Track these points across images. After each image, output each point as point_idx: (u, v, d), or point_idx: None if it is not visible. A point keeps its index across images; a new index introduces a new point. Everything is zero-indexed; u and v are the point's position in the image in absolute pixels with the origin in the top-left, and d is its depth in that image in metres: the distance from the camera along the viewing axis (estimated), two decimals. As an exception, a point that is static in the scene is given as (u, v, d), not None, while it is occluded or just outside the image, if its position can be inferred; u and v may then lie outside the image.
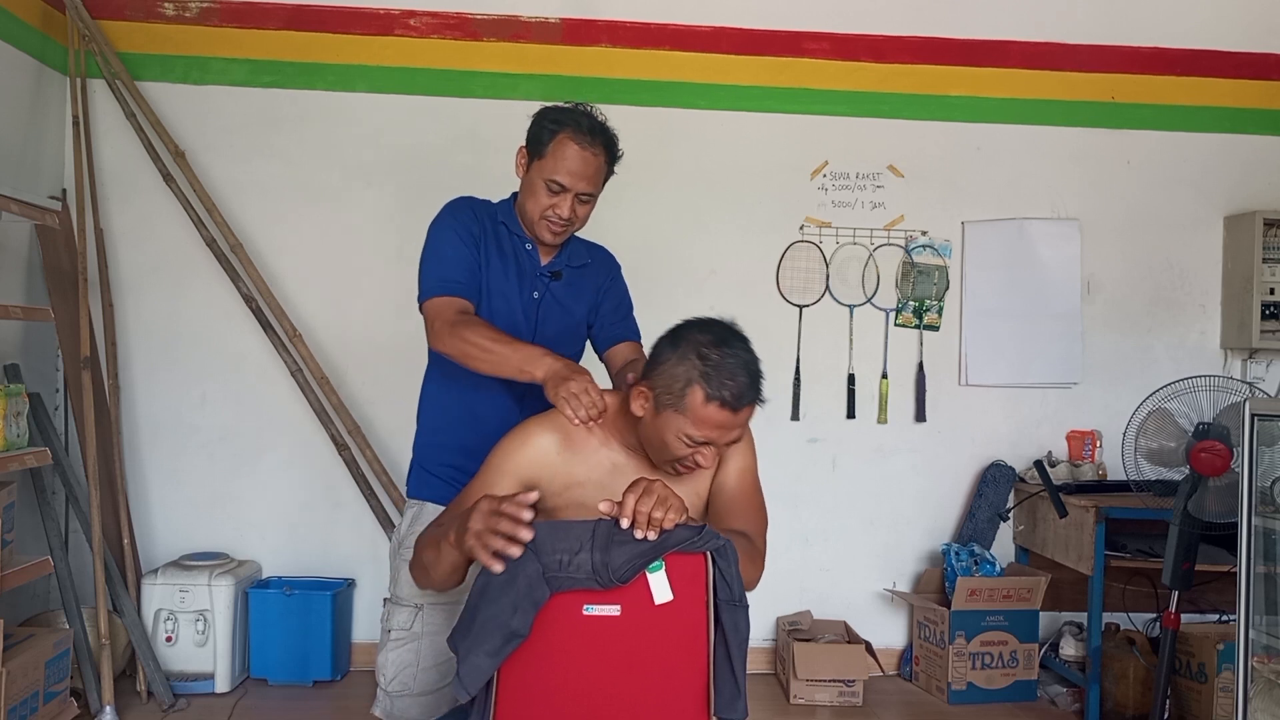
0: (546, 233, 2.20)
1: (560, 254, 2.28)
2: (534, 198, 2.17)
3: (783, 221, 4.10)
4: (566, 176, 2.13)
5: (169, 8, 3.88)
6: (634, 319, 2.39)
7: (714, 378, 1.71)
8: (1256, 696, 2.68)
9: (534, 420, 1.89)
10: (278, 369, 3.84)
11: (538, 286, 2.25)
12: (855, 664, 3.71)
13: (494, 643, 1.56)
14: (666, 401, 1.75)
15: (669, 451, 1.78)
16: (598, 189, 2.20)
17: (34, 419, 3.24)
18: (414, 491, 2.26)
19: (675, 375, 1.74)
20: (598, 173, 2.17)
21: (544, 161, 2.15)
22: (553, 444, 1.85)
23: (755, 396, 1.76)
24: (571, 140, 2.13)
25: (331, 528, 3.95)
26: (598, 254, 2.38)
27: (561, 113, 2.18)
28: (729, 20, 4.02)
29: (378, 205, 3.96)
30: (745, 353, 1.77)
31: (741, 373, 1.73)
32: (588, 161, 2.14)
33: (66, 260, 3.65)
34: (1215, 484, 2.99)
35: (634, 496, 1.60)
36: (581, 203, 2.18)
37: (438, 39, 3.96)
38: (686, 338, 1.77)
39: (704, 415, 1.72)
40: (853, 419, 4.12)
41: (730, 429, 1.76)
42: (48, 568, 3.02)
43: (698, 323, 1.82)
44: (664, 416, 1.76)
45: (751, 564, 1.77)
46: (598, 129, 2.16)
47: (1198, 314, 4.25)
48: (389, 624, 2.16)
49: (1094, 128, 4.18)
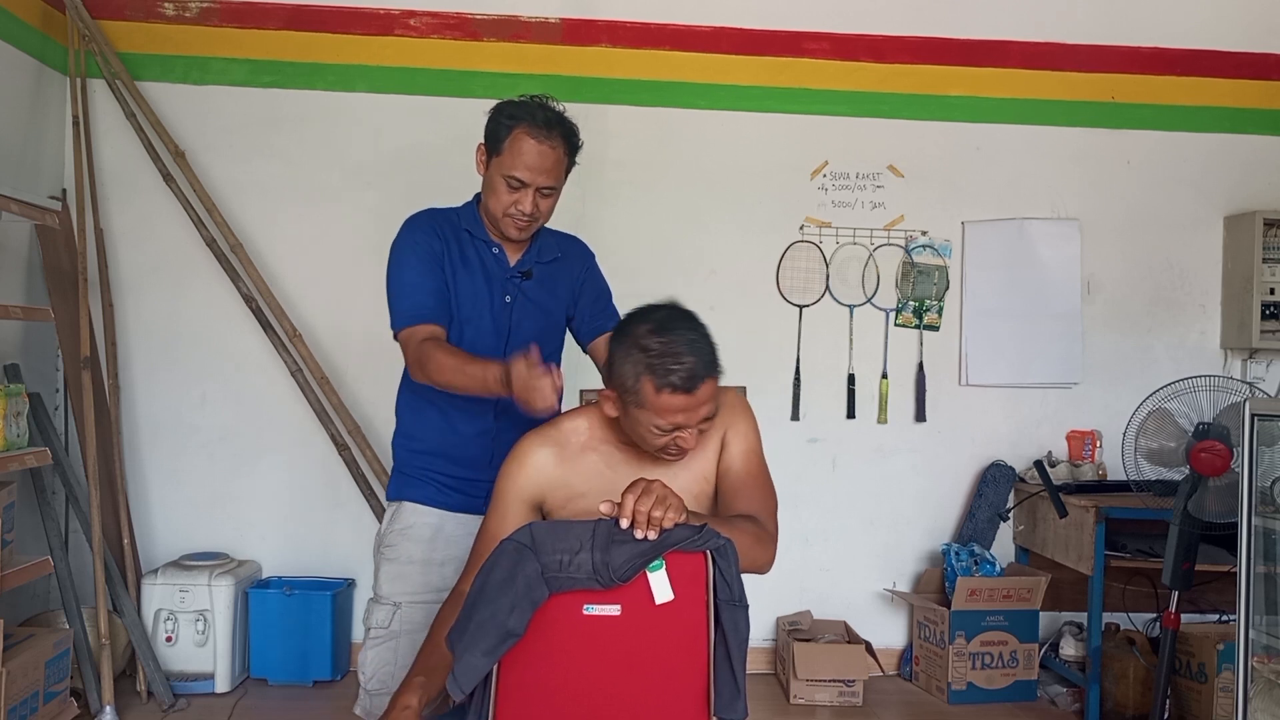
0: (512, 229, 2.17)
1: (529, 251, 2.25)
2: (495, 195, 2.14)
3: (783, 221, 4.10)
4: (525, 172, 2.10)
5: (169, 8, 3.88)
6: (614, 307, 2.35)
7: (658, 366, 1.70)
8: (1256, 696, 2.68)
9: (525, 437, 1.89)
10: (278, 369, 3.84)
11: (509, 289, 2.22)
12: (855, 664, 3.71)
13: (489, 642, 1.56)
14: (628, 399, 1.75)
15: (649, 443, 1.79)
16: (559, 181, 2.17)
17: (34, 419, 3.24)
18: (393, 494, 2.27)
19: (626, 372, 1.73)
20: (557, 165, 2.14)
21: (502, 158, 2.12)
22: (549, 458, 1.85)
23: (707, 372, 1.73)
24: (528, 134, 2.10)
25: (331, 528, 3.95)
26: (569, 245, 2.34)
27: (516, 107, 2.15)
28: (729, 20, 4.02)
29: (378, 205, 3.96)
30: (689, 331, 1.74)
31: (686, 354, 1.70)
32: (545, 155, 2.11)
33: (66, 260, 3.65)
34: (1215, 484, 2.99)
35: (633, 496, 1.60)
36: (544, 196, 2.15)
37: (438, 39, 3.96)
38: (629, 332, 1.76)
39: (662, 404, 1.71)
40: (853, 419, 4.12)
41: (695, 409, 1.74)
42: (48, 568, 3.02)
43: (638, 313, 1.80)
44: (631, 413, 1.76)
45: (760, 546, 1.76)
46: (554, 120, 2.13)
47: (1198, 314, 4.25)
48: (369, 622, 2.18)
49: (1094, 128, 4.18)
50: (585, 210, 3.67)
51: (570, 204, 2.31)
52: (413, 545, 2.18)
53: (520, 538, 1.62)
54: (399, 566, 2.17)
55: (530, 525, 1.64)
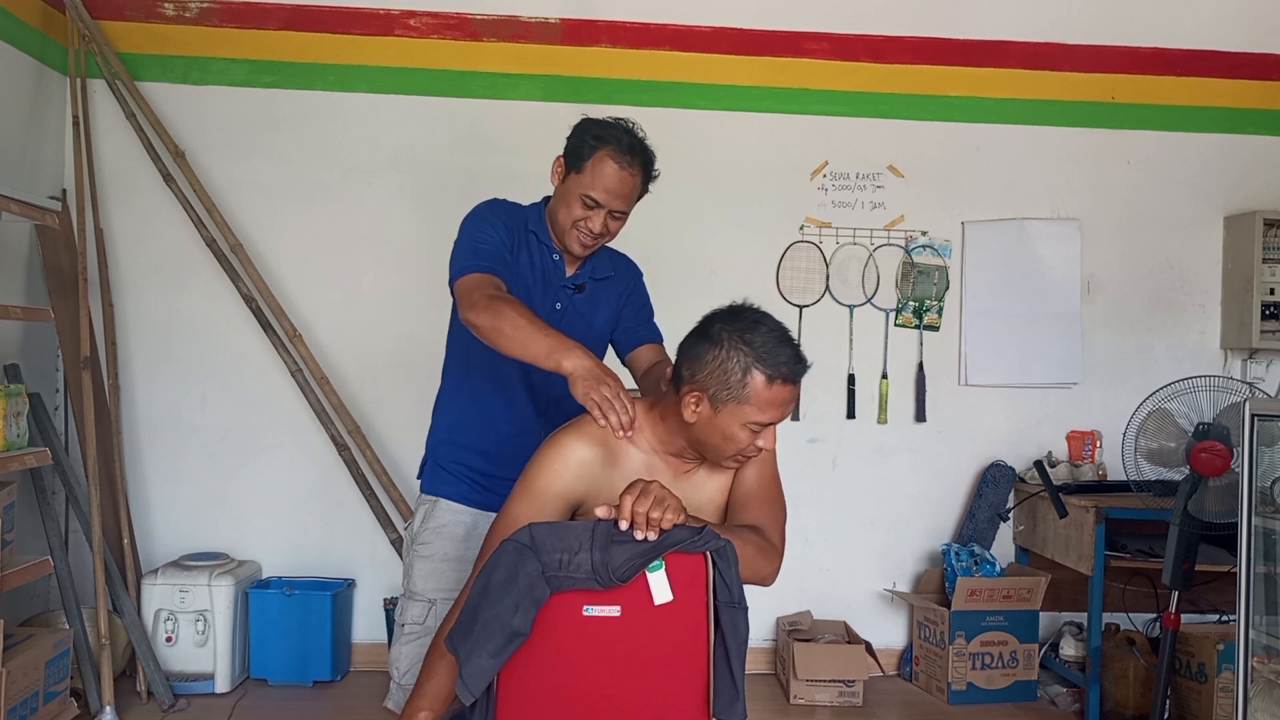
0: (576, 244, 2.20)
1: (584, 265, 2.28)
2: (567, 208, 2.16)
3: (783, 221, 4.10)
4: (603, 194, 2.13)
5: (169, 8, 3.88)
6: (655, 323, 2.41)
7: (768, 359, 1.73)
8: (1256, 696, 2.68)
9: (567, 433, 1.84)
10: (278, 369, 3.84)
11: (560, 298, 2.25)
12: (855, 664, 3.71)
13: (496, 643, 1.56)
14: (725, 396, 1.74)
15: (733, 445, 1.78)
16: (630, 206, 2.21)
17: (34, 419, 3.24)
18: (429, 487, 2.26)
19: (729, 368, 1.74)
20: (633, 191, 2.18)
21: (581, 175, 2.14)
22: (594, 457, 1.82)
23: (805, 362, 1.79)
24: (611, 158, 2.12)
25: (331, 528, 3.95)
26: (621, 264, 2.39)
27: (603, 128, 2.16)
28: (729, 20, 4.02)
29: (377, 205, 3.96)
30: (778, 327, 1.80)
31: (785, 344, 1.76)
32: (625, 181, 2.14)
33: (66, 260, 3.65)
34: (1215, 484, 2.99)
35: (631, 498, 1.60)
36: (614, 219, 2.19)
37: (438, 39, 3.96)
38: (722, 330, 1.77)
39: (769, 397, 1.74)
40: (853, 419, 4.12)
41: (791, 403, 1.79)
42: (48, 568, 3.02)
43: (722, 314, 1.82)
44: (725, 412, 1.75)
45: (764, 557, 1.76)
46: (637, 148, 2.16)
47: (1198, 314, 4.25)
48: (403, 618, 2.18)
49: (1093, 128, 4.18)
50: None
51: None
52: (447, 543, 2.19)
53: (520, 538, 1.62)
54: (433, 564, 2.18)
55: (530, 526, 1.64)
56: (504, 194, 2.36)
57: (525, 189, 2.42)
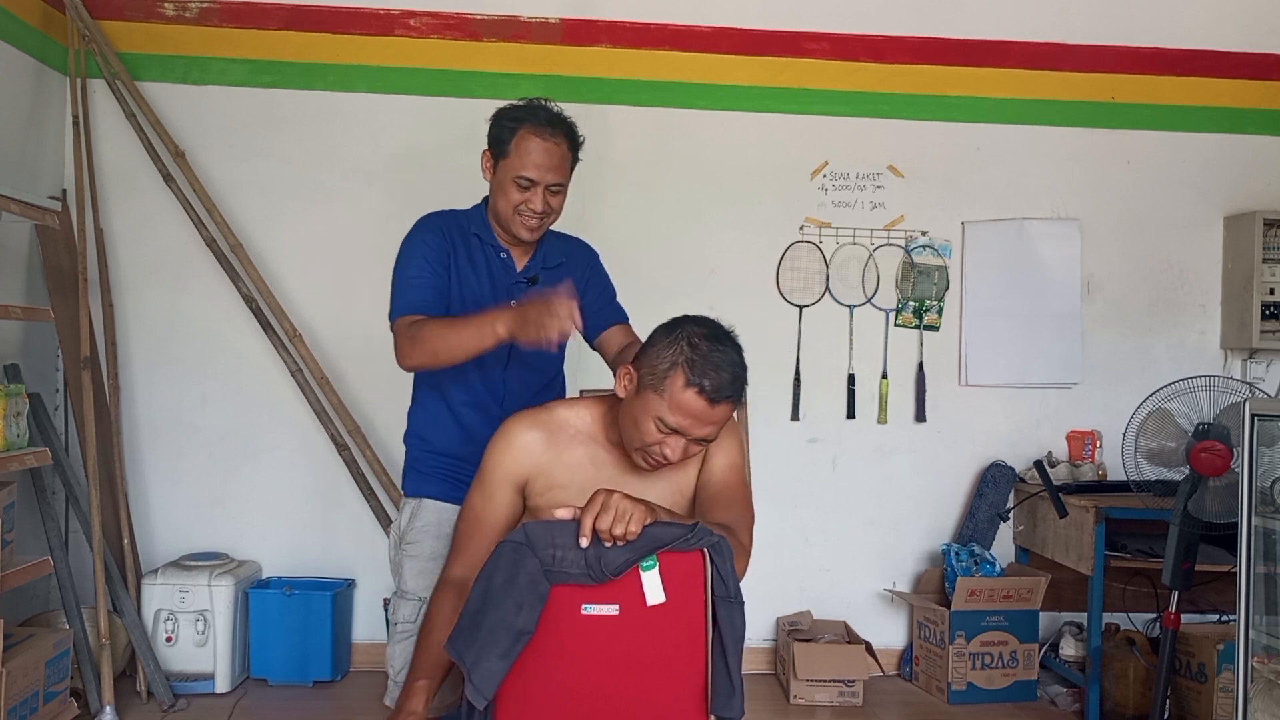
0: (523, 229, 2.22)
1: (535, 257, 2.30)
2: (505, 196, 2.20)
3: (783, 221, 4.10)
4: (534, 170, 2.17)
5: (169, 8, 3.88)
6: (618, 303, 2.42)
7: (698, 365, 1.74)
8: (1256, 696, 2.68)
9: (512, 418, 1.91)
10: (278, 369, 3.84)
11: (515, 293, 2.26)
12: (855, 664, 3.71)
13: (504, 644, 1.57)
14: (649, 381, 1.77)
15: (639, 434, 1.79)
16: (566, 178, 2.24)
17: (34, 419, 3.24)
18: (410, 490, 2.30)
19: (662, 357, 1.77)
20: (563, 162, 2.21)
21: (509, 160, 2.18)
22: (537, 441, 1.87)
23: (733, 395, 1.77)
24: (533, 134, 2.17)
25: (331, 528, 3.95)
26: (573, 248, 2.40)
27: (517, 109, 2.22)
28: (729, 20, 4.02)
29: (377, 205, 3.96)
30: (735, 353, 1.79)
31: (726, 369, 1.75)
32: (551, 152, 2.18)
33: (66, 260, 3.65)
34: (1215, 484, 2.99)
35: (591, 515, 1.60)
36: (553, 194, 2.21)
37: (438, 39, 3.96)
38: (682, 326, 1.80)
39: (680, 400, 1.74)
40: (853, 419, 4.12)
41: (703, 423, 1.76)
42: (48, 568, 3.02)
43: (697, 317, 1.84)
44: (643, 396, 1.77)
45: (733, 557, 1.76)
46: (556, 120, 2.21)
47: (1198, 314, 4.25)
48: (395, 617, 2.21)
49: (1093, 128, 4.18)
50: (585, 210, 3.66)
51: (570, 204, 2.32)
52: (435, 541, 2.21)
53: (515, 538, 1.62)
54: (422, 563, 2.20)
55: (524, 525, 1.66)
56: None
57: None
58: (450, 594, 1.81)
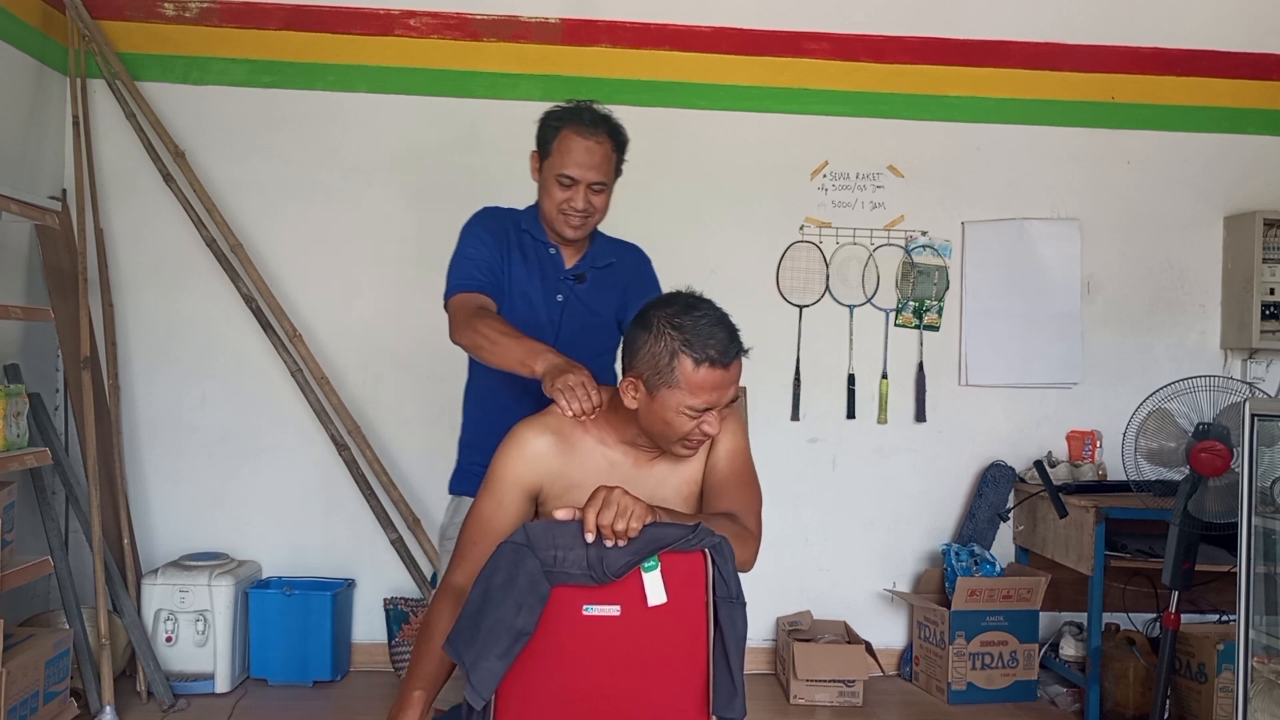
0: (567, 228, 2.27)
1: (585, 256, 2.35)
2: (549, 195, 2.26)
3: (783, 221, 4.10)
4: (575, 169, 2.22)
5: (169, 8, 3.88)
6: None
7: (695, 342, 1.74)
8: (1256, 696, 2.68)
9: (524, 423, 1.89)
10: (278, 369, 3.84)
11: (561, 289, 2.32)
12: (855, 664, 3.71)
13: (503, 645, 1.56)
14: (657, 381, 1.76)
15: (675, 430, 1.78)
16: (608, 177, 2.28)
17: (34, 419, 3.24)
18: (455, 488, 2.37)
19: (657, 353, 1.76)
20: (605, 161, 2.25)
21: (552, 159, 2.24)
22: (548, 445, 1.86)
23: (738, 348, 1.78)
24: (574, 134, 2.22)
25: (331, 528, 3.95)
26: (625, 251, 2.44)
27: (563, 110, 2.27)
28: (729, 20, 4.02)
29: (377, 205, 3.96)
30: (713, 311, 1.79)
31: (718, 329, 1.76)
32: (592, 151, 2.23)
33: (66, 260, 3.65)
34: (1215, 484, 2.99)
35: (594, 511, 1.60)
36: (595, 192, 2.25)
37: (438, 39, 3.96)
38: (654, 316, 1.79)
39: (698, 380, 1.74)
40: (853, 419, 4.12)
41: (726, 387, 1.77)
42: (48, 568, 3.02)
43: (659, 300, 1.85)
44: (660, 397, 1.76)
45: (741, 544, 1.76)
46: (599, 119, 2.26)
47: (1198, 314, 4.25)
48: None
49: (1093, 128, 4.18)
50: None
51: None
52: None
53: (516, 539, 1.62)
54: None
55: (525, 526, 1.65)
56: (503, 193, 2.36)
57: (525, 189, 2.42)
58: (450, 601, 1.78)
